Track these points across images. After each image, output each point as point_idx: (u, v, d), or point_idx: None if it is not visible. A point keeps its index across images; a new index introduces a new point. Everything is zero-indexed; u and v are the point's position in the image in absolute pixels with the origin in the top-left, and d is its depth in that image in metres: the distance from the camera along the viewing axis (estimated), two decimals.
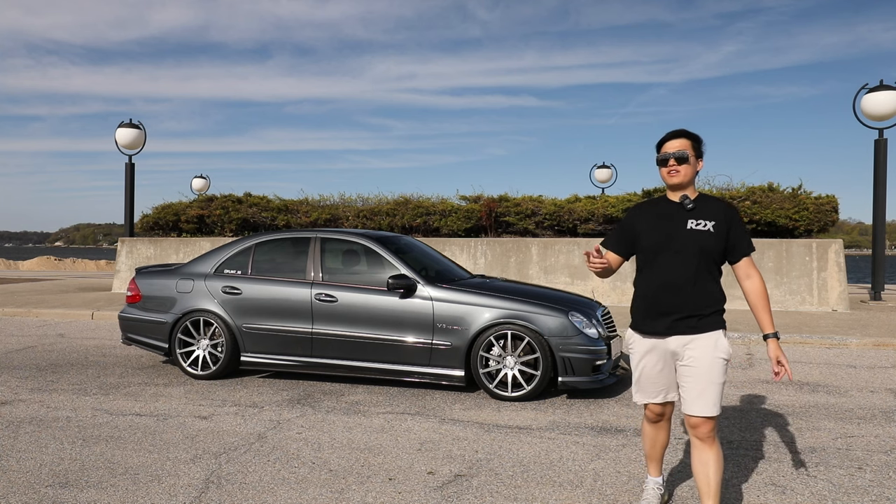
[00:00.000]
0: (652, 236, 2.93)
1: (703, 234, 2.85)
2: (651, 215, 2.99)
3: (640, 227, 2.99)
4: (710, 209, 2.91)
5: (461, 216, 13.59)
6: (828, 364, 7.07)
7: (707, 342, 2.84)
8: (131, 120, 15.47)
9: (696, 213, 2.90)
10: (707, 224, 2.87)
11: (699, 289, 2.85)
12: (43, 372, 6.46)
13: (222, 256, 6.46)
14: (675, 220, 2.91)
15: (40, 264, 33.31)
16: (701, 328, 2.85)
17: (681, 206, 2.92)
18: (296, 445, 4.25)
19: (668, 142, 2.93)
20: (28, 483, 3.58)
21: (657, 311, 2.90)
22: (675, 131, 2.95)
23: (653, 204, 3.05)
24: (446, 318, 5.62)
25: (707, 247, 2.84)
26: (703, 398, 2.81)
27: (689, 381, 2.84)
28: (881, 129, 12.42)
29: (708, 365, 2.82)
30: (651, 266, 2.93)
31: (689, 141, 2.91)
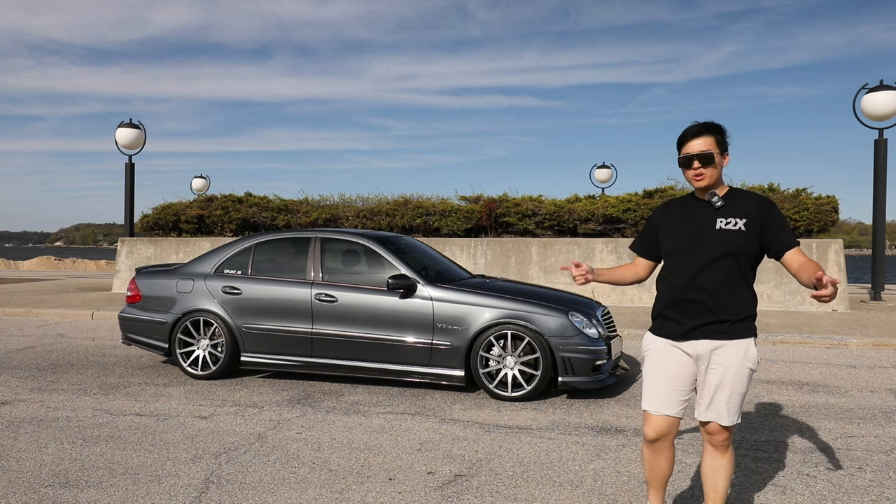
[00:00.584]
0: (678, 237, 2.75)
1: (734, 233, 2.63)
2: (677, 215, 2.80)
3: (665, 227, 2.82)
4: (742, 205, 2.67)
5: (461, 216, 13.58)
6: (828, 364, 7.07)
7: (737, 349, 2.65)
8: (131, 120, 15.48)
9: (726, 211, 2.67)
10: (738, 222, 2.64)
11: (730, 293, 2.65)
12: (43, 372, 6.46)
13: (222, 256, 6.46)
14: (703, 219, 2.70)
15: (40, 264, 33.31)
16: (732, 334, 2.65)
17: (709, 205, 2.71)
18: (296, 445, 4.25)
19: (690, 141, 2.69)
20: (28, 483, 3.58)
21: (685, 316, 2.70)
22: (696, 128, 2.71)
23: (679, 202, 2.85)
24: (446, 318, 5.62)
25: (738, 247, 2.62)
26: (725, 407, 2.66)
27: (713, 389, 2.66)
28: (881, 129, 12.42)
29: (734, 373, 2.64)
30: (677, 269, 2.72)
31: (713, 137, 2.68)
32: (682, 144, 2.73)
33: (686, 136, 2.71)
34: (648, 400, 2.79)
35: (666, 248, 2.80)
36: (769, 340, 8.39)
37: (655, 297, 2.84)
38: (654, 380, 2.78)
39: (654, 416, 2.77)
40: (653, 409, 2.77)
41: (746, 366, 2.65)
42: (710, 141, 2.67)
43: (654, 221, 2.90)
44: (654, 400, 2.77)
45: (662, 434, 2.77)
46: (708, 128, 2.69)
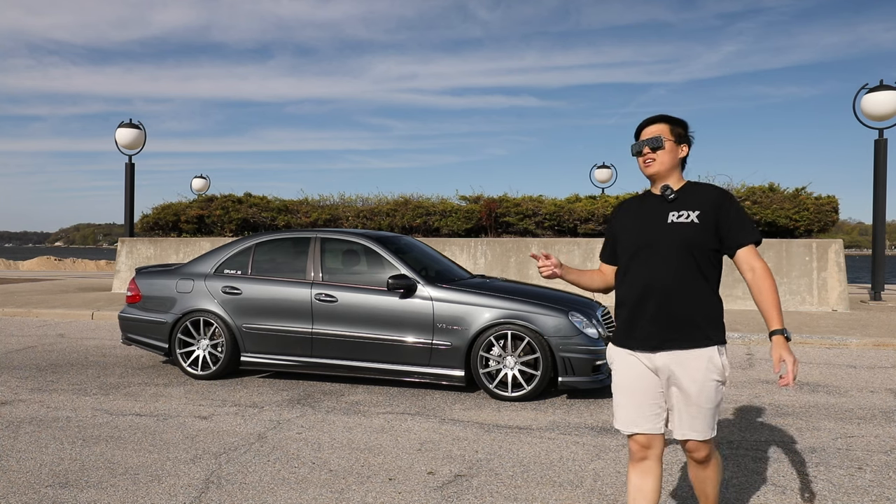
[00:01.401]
0: (629, 235, 2.57)
1: (686, 226, 2.43)
2: (630, 212, 2.64)
3: (620, 226, 2.64)
4: (696, 197, 2.49)
5: (461, 216, 13.58)
6: (828, 364, 7.07)
7: (699, 361, 2.41)
8: (131, 120, 15.48)
9: (679, 204, 2.50)
10: (690, 215, 2.45)
11: (687, 293, 2.42)
12: (43, 372, 6.46)
13: (222, 256, 6.46)
14: (656, 213, 2.52)
15: (40, 264, 33.32)
16: (693, 342, 2.42)
17: (662, 199, 2.54)
18: (296, 445, 4.25)
19: (644, 129, 2.59)
20: (28, 483, 3.58)
21: (640, 321, 2.49)
22: (651, 117, 2.61)
23: (635, 200, 2.70)
24: (446, 318, 5.62)
25: (691, 241, 2.42)
26: (694, 423, 2.44)
27: (680, 403, 2.45)
28: (881, 129, 12.42)
29: (699, 388, 2.40)
30: (630, 269, 2.54)
31: (667, 125, 2.55)
32: (636, 135, 2.63)
33: (641, 125, 2.63)
34: (617, 417, 2.59)
35: (621, 247, 2.61)
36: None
37: (615, 302, 2.64)
38: (618, 396, 2.57)
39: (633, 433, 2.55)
40: (622, 428, 2.56)
41: (711, 377, 2.41)
42: (663, 128, 2.55)
43: (612, 223, 2.73)
44: (621, 417, 2.56)
45: (646, 447, 2.53)
46: (663, 118, 2.59)
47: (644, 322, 2.48)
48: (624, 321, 2.56)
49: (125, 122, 15.44)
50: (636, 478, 2.57)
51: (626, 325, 2.55)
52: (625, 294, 2.56)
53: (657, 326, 2.45)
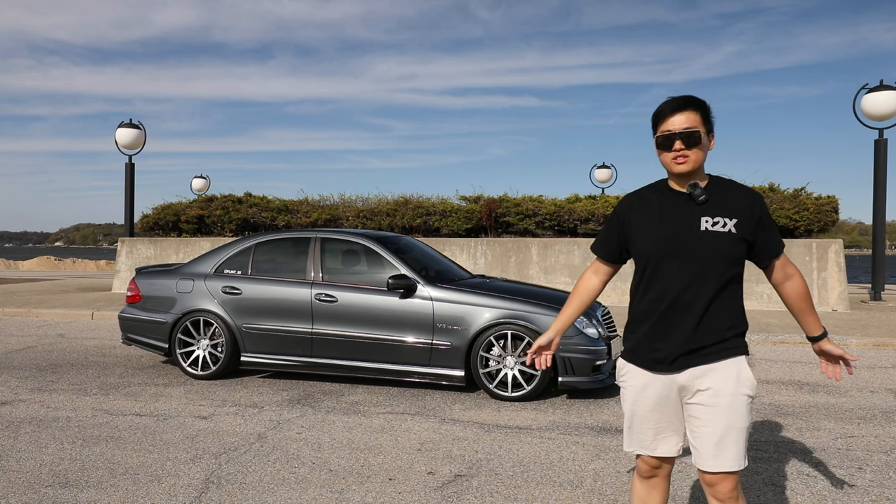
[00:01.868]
0: (652, 239, 2.21)
1: (723, 237, 2.14)
2: (651, 210, 2.26)
3: (637, 224, 2.27)
4: (731, 201, 2.17)
5: (461, 216, 13.59)
6: None
7: (727, 374, 2.16)
8: (131, 120, 15.48)
9: (712, 209, 2.17)
10: (727, 223, 2.15)
11: (720, 308, 2.17)
12: (43, 372, 6.46)
13: (222, 256, 6.46)
14: (685, 217, 2.18)
15: (40, 264, 33.32)
16: (717, 356, 2.17)
17: (689, 198, 2.20)
18: (296, 445, 4.25)
19: (672, 116, 2.16)
20: (28, 483, 3.58)
21: (662, 337, 2.20)
22: (678, 100, 2.18)
23: (652, 193, 2.30)
24: (446, 318, 5.62)
25: (728, 254, 2.14)
26: (722, 448, 2.12)
27: (704, 425, 2.15)
28: (881, 129, 12.42)
29: (728, 403, 2.13)
30: (653, 278, 2.22)
31: (699, 113, 2.17)
32: (659, 121, 2.20)
33: (665, 111, 2.18)
34: (627, 439, 2.34)
35: (639, 252, 2.26)
36: (769, 340, 8.39)
37: (629, 313, 2.33)
38: (632, 418, 2.31)
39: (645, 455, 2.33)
40: (632, 451, 2.33)
41: (742, 392, 2.15)
42: (695, 118, 2.16)
43: (621, 216, 2.33)
44: (639, 442, 2.31)
45: (656, 466, 2.33)
46: (692, 102, 2.18)
47: (670, 341, 2.19)
48: (645, 338, 2.25)
49: (125, 122, 15.44)
50: (642, 491, 2.39)
51: (646, 343, 2.25)
52: (648, 308, 2.23)
53: (685, 346, 2.17)
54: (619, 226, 2.35)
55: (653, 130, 2.24)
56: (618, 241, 2.36)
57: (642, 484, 2.38)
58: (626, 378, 2.35)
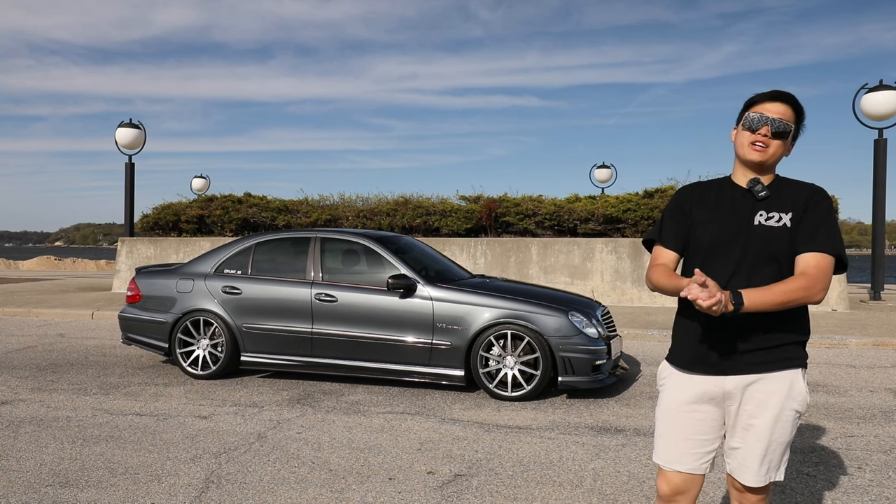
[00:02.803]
0: (705, 230, 2.12)
1: (777, 231, 2.03)
2: (707, 201, 2.17)
3: (696, 214, 2.17)
4: (789, 196, 2.07)
5: (461, 216, 13.59)
6: (828, 364, 7.07)
7: (779, 386, 2.04)
8: (131, 120, 15.49)
9: (769, 204, 2.08)
10: (783, 218, 2.04)
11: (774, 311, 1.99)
12: (43, 372, 6.46)
13: (222, 256, 6.46)
14: (740, 211, 2.09)
15: (40, 264, 33.32)
16: (772, 365, 2.04)
17: (749, 193, 2.11)
18: (296, 445, 4.25)
19: (769, 102, 2.07)
20: (28, 483, 3.58)
21: (712, 340, 2.08)
22: (780, 91, 2.09)
23: (710, 186, 2.21)
24: (446, 318, 5.62)
25: (780, 249, 2.03)
26: (762, 462, 2.05)
27: (747, 436, 2.07)
28: (881, 129, 12.42)
29: (774, 417, 2.03)
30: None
31: (795, 113, 2.08)
32: (754, 103, 2.10)
33: (763, 95, 2.10)
34: (659, 451, 2.18)
35: (692, 244, 2.17)
36: None
37: (678, 314, 2.21)
38: (666, 426, 2.17)
39: (667, 470, 2.17)
40: (664, 463, 2.17)
41: (791, 407, 2.04)
42: (790, 113, 2.07)
43: (685, 205, 2.21)
44: (665, 451, 2.17)
45: (679, 492, 2.15)
46: (793, 99, 2.09)
47: (720, 341, 2.08)
48: (691, 338, 2.14)
49: (125, 122, 15.44)
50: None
51: (693, 343, 2.13)
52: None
53: (735, 347, 2.06)
54: (683, 214, 2.21)
55: (742, 111, 2.14)
56: (685, 229, 2.20)
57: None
58: (666, 381, 2.21)
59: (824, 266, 1.99)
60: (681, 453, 2.13)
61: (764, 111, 2.06)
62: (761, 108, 2.08)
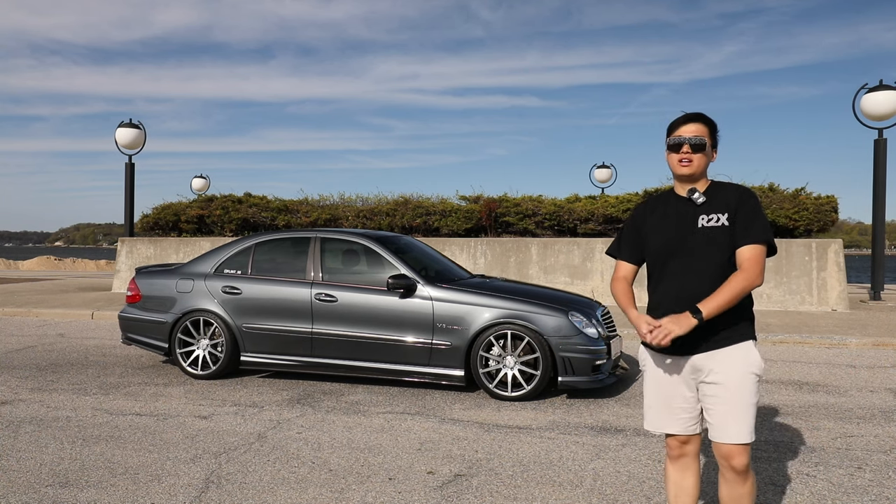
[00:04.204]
0: (659, 238, 2.53)
1: (718, 230, 2.43)
2: (657, 214, 2.59)
3: (649, 228, 2.59)
4: (724, 199, 2.47)
5: (461, 216, 13.59)
6: (827, 364, 7.07)
7: (735, 355, 2.42)
8: (131, 120, 15.49)
9: (708, 207, 2.47)
10: (720, 218, 2.44)
11: None
12: (43, 372, 6.46)
13: (222, 256, 6.46)
14: (685, 217, 2.50)
15: (40, 264, 33.32)
16: (728, 340, 2.43)
17: (689, 202, 2.51)
18: (296, 445, 4.25)
19: (683, 125, 2.50)
20: (28, 483, 3.58)
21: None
22: (690, 114, 2.52)
23: (658, 200, 2.64)
24: (446, 318, 5.62)
25: (723, 245, 2.42)
26: (735, 422, 2.38)
27: (717, 402, 2.41)
28: (881, 129, 12.42)
29: (738, 382, 2.39)
30: (661, 274, 2.52)
31: (707, 127, 2.50)
32: (673, 128, 2.53)
33: (679, 121, 2.53)
34: (647, 418, 2.62)
35: (651, 251, 2.57)
36: (769, 340, 8.39)
37: (647, 307, 2.58)
38: (650, 398, 2.60)
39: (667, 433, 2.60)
40: (651, 428, 2.60)
41: (750, 370, 2.41)
42: (703, 129, 2.49)
43: (637, 221, 2.66)
44: (652, 419, 2.60)
45: (685, 443, 2.57)
46: (703, 117, 2.52)
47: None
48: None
49: (125, 122, 15.45)
50: (675, 474, 2.62)
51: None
52: (659, 300, 2.51)
53: (696, 331, 2.37)
54: (636, 231, 2.67)
55: (666, 136, 2.56)
56: (637, 245, 2.66)
57: (674, 467, 2.63)
58: (645, 363, 2.63)
59: (757, 255, 2.41)
60: (665, 420, 2.56)
61: (681, 133, 2.50)
62: (679, 131, 2.51)
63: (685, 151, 2.47)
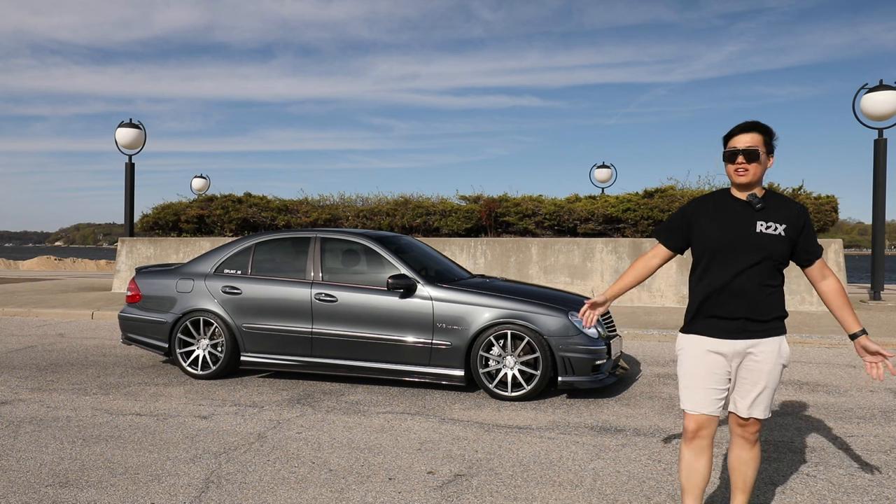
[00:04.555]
0: (717, 235, 2.72)
1: (774, 238, 2.67)
2: (715, 212, 2.77)
3: (702, 223, 2.78)
4: (782, 211, 2.71)
5: (461, 216, 13.59)
6: (828, 364, 7.08)
7: (772, 346, 2.74)
8: (131, 120, 15.49)
9: (766, 215, 2.69)
10: (778, 227, 2.68)
11: (766, 294, 2.70)
12: (43, 372, 6.46)
13: (222, 256, 6.46)
14: (744, 220, 2.70)
15: (40, 264, 33.32)
16: (766, 332, 2.73)
17: (749, 206, 2.71)
18: (296, 445, 4.25)
19: (738, 135, 2.69)
20: (28, 483, 3.58)
21: (722, 316, 2.73)
22: (746, 124, 2.72)
23: (716, 199, 2.81)
24: (446, 318, 5.62)
25: (776, 252, 2.67)
26: (760, 401, 2.76)
27: (750, 384, 2.76)
28: (881, 129, 12.42)
29: (770, 369, 2.74)
30: (713, 268, 2.73)
31: (762, 136, 2.68)
32: (728, 139, 2.72)
33: (734, 131, 2.72)
34: (686, 400, 2.81)
35: (703, 247, 2.76)
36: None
37: (690, 297, 2.83)
38: (690, 380, 2.80)
39: (693, 414, 2.80)
40: (691, 409, 2.79)
41: (780, 362, 2.76)
42: (757, 138, 2.67)
43: (688, 215, 2.84)
44: (692, 400, 2.79)
45: (703, 427, 2.78)
46: (757, 126, 2.69)
47: (727, 316, 2.72)
48: (704, 313, 2.77)
49: (125, 122, 15.45)
50: (690, 456, 2.83)
51: (706, 317, 2.76)
52: (706, 290, 2.74)
53: (738, 320, 2.70)
54: (685, 223, 2.85)
55: (723, 145, 2.76)
56: (682, 235, 2.87)
57: (689, 449, 2.83)
58: (685, 348, 2.83)
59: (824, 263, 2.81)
60: (701, 400, 2.77)
61: (735, 144, 2.69)
62: (733, 141, 2.70)
63: (740, 162, 2.67)
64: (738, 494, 2.89)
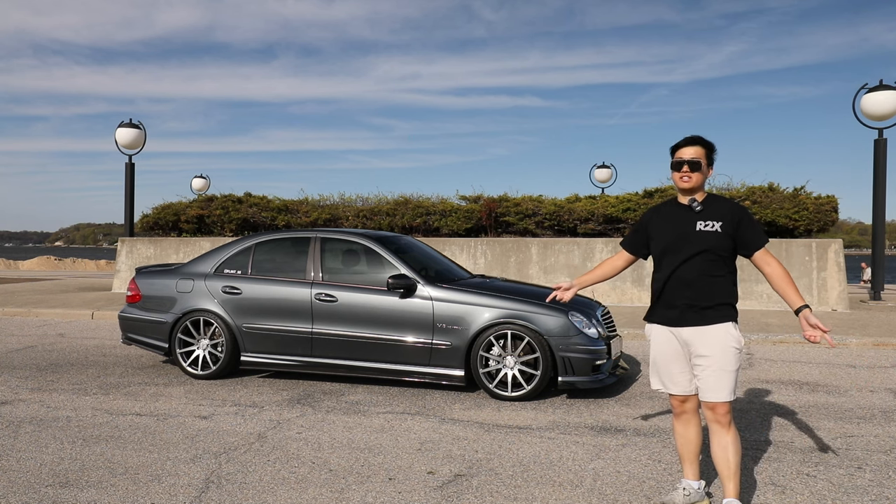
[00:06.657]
0: (664, 238, 3.15)
1: (711, 234, 3.04)
2: (662, 218, 3.21)
3: (654, 229, 3.22)
4: (718, 210, 3.09)
5: (461, 216, 13.59)
6: (828, 364, 7.07)
7: (718, 332, 3.02)
8: (131, 120, 15.49)
9: (705, 215, 3.09)
10: (715, 225, 3.05)
11: (708, 283, 3.04)
12: (43, 372, 6.46)
13: (222, 256, 6.46)
14: (687, 221, 3.10)
15: (40, 264, 33.32)
16: (711, 319, 3.03)
17: (689, 209, 3.12)
18: (296, 445, 4.25)
19: (683, 148, 3.11)
20: (28, 483, 3.58)
21: (669, 303, 3.12)
22: (690, 138, 3.15)
23: (665, 206, 3.27)
24: (446, 318, 5.62)
25: (715, 246, 3.03)
26: (717, 384, 2.99)
27: (704, 369, 3.02)
28: (881, 129, 12.42)
29: (720, 353, 3.00)
30: (663, 264, 3.15)
31: (703, 149, 3.11)
32: (675, 150, 3.15)
33: (681, 143, 3.15)
34: (652, 380, 3.28)
35: (655, 248, 3.22)
36: (769, 340, 8.39)
37: (651, 289, 3.26)
38: (654, 362, 3.25)
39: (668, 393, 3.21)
40: (657, 388, 3.25)
41: (730, 345, 3.01)
42: (700, 151, 3.10)
43: (644, 223, 3.32)
44: (657, 380, 3.25)
45: (684, 402, 3.18)
46: (701, 141, 3.13)
47: (675, 305, 3.11)
48: (658, 303, 3.19)
49: (125, 122, 15.45)
50: (680, 427, 3.24)
51: (661, 307, 3.18)
52: (660, 283, 3.17)
53: (685, 309, 3.07)
54: (643, 230, 3.32)
55: (670, 156, 3.17)
56: (640, 240, 3.33)
57: (678, 421, 3.24)
58: (649, 334, 3.26)
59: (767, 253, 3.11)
60: (666, 381, 3.20)
61: (681, 155, 3.11)
62: (680, 153, 3.13)
63: (684, 171, 3.09)
64: (727, 483, 3.05)
